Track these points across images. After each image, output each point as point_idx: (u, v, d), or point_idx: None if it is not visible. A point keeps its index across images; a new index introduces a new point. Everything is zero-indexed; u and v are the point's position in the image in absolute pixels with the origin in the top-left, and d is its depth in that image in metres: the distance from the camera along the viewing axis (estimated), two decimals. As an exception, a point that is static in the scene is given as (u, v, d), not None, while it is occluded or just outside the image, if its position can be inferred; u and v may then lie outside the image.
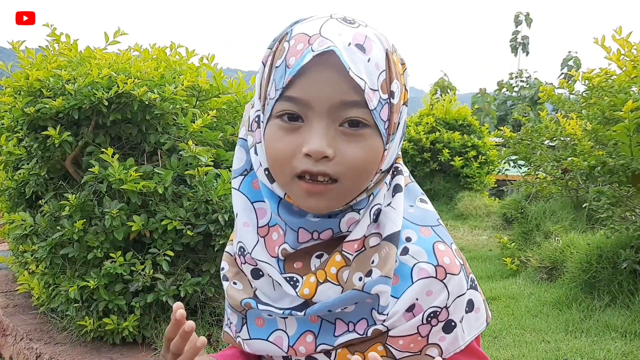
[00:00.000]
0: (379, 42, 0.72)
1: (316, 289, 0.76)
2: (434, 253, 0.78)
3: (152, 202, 3.23)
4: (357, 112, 0.69)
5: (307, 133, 0.70)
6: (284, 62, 0.71)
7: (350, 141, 0.70)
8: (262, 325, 0.84)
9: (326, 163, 0.70)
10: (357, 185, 0.73)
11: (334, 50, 0.67)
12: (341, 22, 0.72)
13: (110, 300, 3.13)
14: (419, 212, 0.84)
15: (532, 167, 5.89)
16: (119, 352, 3.18)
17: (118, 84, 3.11)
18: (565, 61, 26.14)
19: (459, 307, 0.79)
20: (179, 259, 3.32)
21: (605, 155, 3.94)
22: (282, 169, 0.73)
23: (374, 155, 0.72)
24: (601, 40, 3.90)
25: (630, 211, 4.18)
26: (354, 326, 0.78)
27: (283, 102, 0.71)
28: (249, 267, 0.82)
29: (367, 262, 0.77)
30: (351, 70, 0.67)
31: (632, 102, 3.51)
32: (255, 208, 0.82)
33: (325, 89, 0.68)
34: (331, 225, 0.76)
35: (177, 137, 3.37)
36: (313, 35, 0.69)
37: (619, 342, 3.35)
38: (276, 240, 0.80)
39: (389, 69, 0.72)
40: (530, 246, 5.43)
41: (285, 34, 0.74)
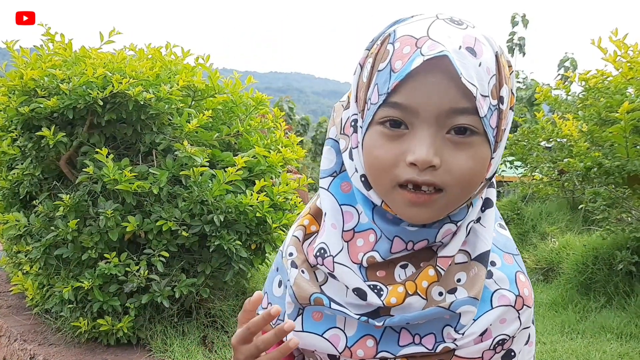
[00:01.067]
0: (489, 44, 0.69)
1: (404, 299, 0.74)
2: (516, 282, 0.77)
3: (147, 202, 3.22)
4: (466, 120, 0.66)
5: (411, 141, 0.66)
6: (388, 66, 0.67)
7: (457, 149, 0.67)
8: (320, 319, 0.80)
9: (432, 172, 0.66)
10: (462, 196, 0.70)
11: (447, 55, 0.63)
12: (449, 23, 0.68)
13: (104, 301, 3.12)
14: (501, 238, 0.82)
15: (529, 168, 5.89)
16: (114, 353, 3.16)
17: (113, 83, 3.09)
18: (562, 62, 26.18)
19: (522, 338, 0.79)
20: (174, 260, 3.30)
21: (601, 156, 3.94)
22: (382, 178, 0.70)
23: (481, 165, 0.69)
24: (598, 42, 3.91)
25: (626, 212, 4.18)
26: (420, 339, 0.76)
27: (387, 108, 0.67)
28: (325, 270, 0.79)
29: (452, 279, 0.75)
30: (463, 76, 0.63)
31: (628, 103, 3.52)
32: (342, 211, 0.79)
33: (434, 95, 0.65)
34: (428, 236, 0.74)
35: (173, 137, 3.35)
36: (421, 38, 0.66)
37: (615, 343, 3.35)
38: (361, 246, 0.77)
39: (499, 73, 0.68)
40: (527, 247, 5.43)
41: (387, 35, 0.70)
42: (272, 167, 3.59)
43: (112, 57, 3.38)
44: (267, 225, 3.42)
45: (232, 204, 3.23)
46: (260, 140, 3.85)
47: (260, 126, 3.88)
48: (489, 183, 0.76)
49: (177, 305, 3.36)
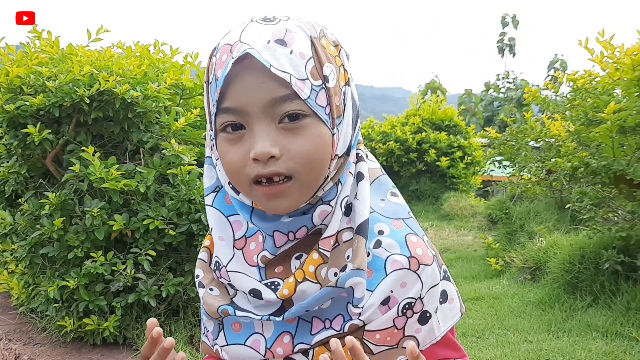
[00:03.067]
0: (302, 31, 0.73)
1: (295, 288, 0.76)
2: (407, 245, 0.78)
3: (134, 201, 3.20)
4: (291, 105, 0.70)
5: (251, 139, 0.71)
6: (214, 76, 0.72)
7: (293, 135, 0.71)
8: (239, 330, 0.83)
9: (275, 162, 0.70)
10: (313, 177, 0.73)
11: (250, 52, 0.68)
12: (260, 23, 0.73)
13: (90, 300, 3.09)
14: (390, 205, 0.84)
15: (517, 168, 5.92)
16: (100, 353, 3.14)
17: (100, 81, 3.07)
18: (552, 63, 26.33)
19: (433, 297, 0.79)
20: (161, 259, 3.29)
21: (588, 156, 3.96)
22: (238, 179, 0.74)
23: (321, 143, 0.72)
24: (585, 42, 3.93)
25: (613, 212, 4.22)
26: (330, 323, 0.78)
27: (221, 114, 0.72)
28: (224, 281, 0.83)
29: (342, 257, 0.77)
30: (272, 67, 0.68)
31: (614, 103, 3.54)
32: (230, 222, 0.83)
33: (253, 91, 0.69)
34: (304, 223, 0.76)
35: (160, 136, 3.34)
36: (234, 43, 0.70)
37: (600, 342, 3.38)
38: (254, 249, 0.80)
39: (316, 54, 0.72)
40: (515, 246, 5.46)
41: (214, 49, 0.75)
42: (260, 166, 3.58)
43: (99, 55, 3.36)
44: (255, 224, 3.41)
45: (219, 202, 3.21)
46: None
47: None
48: (353, 159, 0.79)
49: (164, 304, 3.35)
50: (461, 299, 0.86)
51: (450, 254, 6.33)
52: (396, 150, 9.72)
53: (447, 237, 7.32)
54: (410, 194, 9.70)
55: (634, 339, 3.35)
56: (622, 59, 3.70)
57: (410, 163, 9.81)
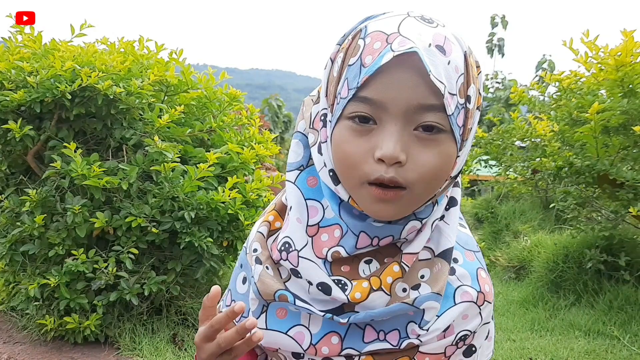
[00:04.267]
0: (458, 43, 0.69)
1: (368, 294, 0.73)
2: (477, 279, 0.78)
3: (116, 198, 3.17)
4: (433, 117, 0.66)
5: (380, 136, 0.66)
6: (359, 61, 0.67)
7: (424, 146, 0.67)
8: (284, 317, 0.79)
9: (397, 169, 0.66)
10: (427, 193, 0.70)
11: (417, 52, 0.63)
12: (420, 21, 0.68)
13: (71, 298, 3.06)
14: (462, 236, 0.83)
15: (503, 168, 5.95)
16: (81, 352, 3.11)
17: (82, 77, 3.04)
18: (540, 64, 26.50)
19: (482, 334, 0.80)
20: (144, 257, 3.26)
21: (572, 156, 3.99)
22: (351, 173, 0.69)
23: (447, 162, 0.69)
24: (569, 43, 3.95)
25: (596, 212, 4.25)
26: (384, 335, 0.76)
27: (356, 102, 0.67)
28: (289, 265, 0.78)
29: (416, 275, 0.75)
30: (431, 73, 0.63)
31: (597, 104, 3.56)
32: (307, 205, 0.78)
33: (403, 91, 0.65)
34: (393, 232, 0.74)
35: (143, 133, 3.31)
36: (391, 34, 0.66)
37: (582, 340, 3.40)
38: (325, 242, 0.76)
39: (467, 72, 0.69)
40: (500, 245, 5.49)
41: (358, 31, 0.70)
42: (245, 163, 3.56)
43: (81, 51, 3.31)
44: (239, 223, 3.39)
45: (203, 200, 3.19)
46: (234, 136, 3.82)
47: (234, 122, 3.85)
48: (454, 182, 0.76)
49: (147, 303, 3.32)
50: None
51: (437, 253, 6.34)
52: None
53: (433, 236, 7.33)
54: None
55: (616, 337, 3.37)
56: (607, 59, 3.72)
57: (398, 162, 9.80)
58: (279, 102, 24.85)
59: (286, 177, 0.81)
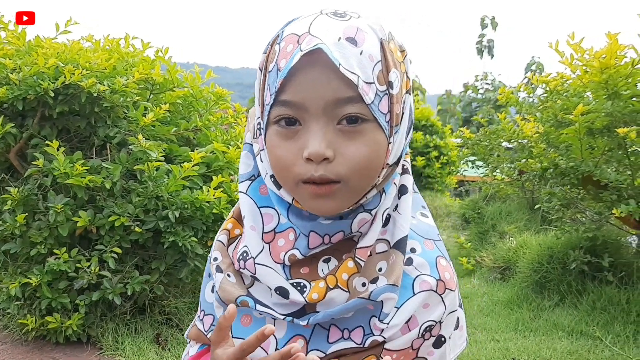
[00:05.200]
0: (373, 32, 0.70)
1: (325, 294, 0.73)
2: (437, 267, 0.78)
3: (99, 197, 3.14)
4: (353, 108, 0.67)
5: (305, 136, 0.68)
6: (275, 66, 0.69)
7: (350, 139, 0.68)
8: (249, 324, 0.80)
9: (327, 165, 0.67)
10: (362, 183, 0.70)
11: (322, 48, 0.64)
12: (331, 17, 0.69)
13: (53, 298, 3.03)
14: (422, 225, 0.83)
15: (490, 169, 5.97)
16: (62, 352, 3.08)
17: (65, 74, 3.01)
18: (529, 65, 26.69)
19: (450, 323, 0.80)
20: (127, 256, 3.24)
21: (557, 157, 4.01)
22: (286, 176, 0.71)
23: (376, 151, 0.69)
24: (555, 45, 3.97)
25: (580, 213, 4.27)
26: (349, 334, 0.76)
27: (278, 107, 0.69)
28: (248, 273, 0.79)
29: (374, 268, 0.75)
30: (342, 66, 0.64)
31: (582, 106, 3.58)
32: (262, 213, 0.79)
33: (317, 88, 0.66)
34: (342, 228, 0.74)
35: (128, 131, 3.28)
36: (302, 35, 0.67)
37: (565, 341, 3.42)
38: (282, 246, 0.77)
39: (385, 58, 0.69)
40: (486, 246, 5.51)
41: (277, 37, 0.71)
42: (230, 163, 3.55)
43: (65, 48, 3.28)
44: (223, 222, 3.37)
45: (188, 200, 3.18)
46: (220, 135, 3.80)
47: (220, 121, 3.83)
48: (399, 170, 0.78)
49: (130, 302, 3.30)
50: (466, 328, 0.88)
51: (424, 253, 6.35)
52: (373, 149, 9.72)
53: (421, 236, 7.35)
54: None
55: (598, 338, 3.40)
56: (591, 61, 3.74)
57: (386, 162, 9.83)
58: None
59: (239, 188, 0.82)
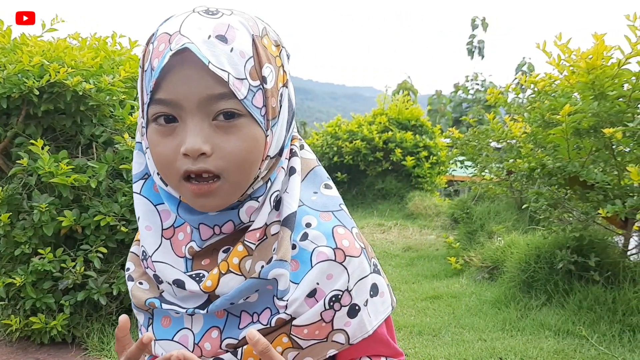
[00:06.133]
0: (244, 28, 0.71)
1: (218, 280, 0.74)
2: (333, 237, 0.78)
3: (85, 196, 3.12)
4: (227, 104, 0.68)
5: (183, 133, 0.69)
6: (149, 65, 0.70)
7: (226, 134, 0.69)
8: (168, 325, 0.81)
9: (205, 159, 0.68)
10: (242, 177, 0.72)
11: (189, 47, 0.66)
12: (202, 15, 0.70)
13: (38, 298, 3.01)
14: (321, 198, 0.84)
15: (479, 169, 5.99)
16: (47, 352, 3.05)
17: (50, 72, 2.98)
18: (520, 66, 26.83)
19: (362, 290, 0.79)
20: (113, 256, 3.21)
21: (545, 157, 4.03)
22: (167, 173, 0.72)
23: (253, 144, 0.71)
24: (542, 45, 3.99)
25: (567, 213, 4.30)
26: (258, 317, 0.77)
27: (154, 105, 0.70)
28: (151, 272, 0.81)
29: (269, 250, 0.76)
30: (211, 64, 0.66)
31: (569, 106, 3.60)
32: (159, 211, 0.81)
33: (190, 86, 0.67)
34: (230, 217, 0.75)
35: (114, 130, 3.26)
36: (173, 34, 0.68)
37: (552, 340, 3.44)
38: (182, 240, 0.79)
39: (257, 54, 0.71)
40: (474, 246, 5.53)
41: (152, 36, 0.72)
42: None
43: (50, 46, 3.25)
44: (211, 222, 3.36)
45: (174, 199, 3.16)
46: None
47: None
48: (286, 155, 0.80)
49: (116, 302, 3.27)
50: (392, 293, 0.86)
51: (413, 253, 6.36)
52: (362, 149, 9.73)
53: (410, 236, 7.37)
54: (376, 192, 9.74)
55: (584, 337, 3.41)
56: (578, 62, 3.77)
57: (376, 162, 9.85)
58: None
59: (133, 189, 0.83)
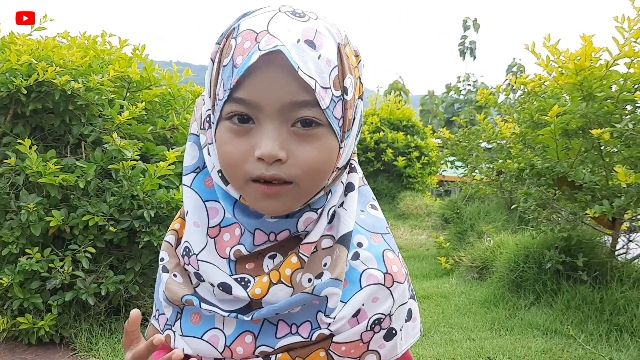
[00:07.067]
0: (330, 35, 0.69)
1: (268, 289, 0.73)
2: (384, 260, 0.78)
3: (73, 196, 3.10)
4: (309, 112, 0.66)
5: (258, 135, 0.67)
6: (231, 61, 0.67)
7: (303, 142, 0.68)
8: (198, 322, 0.79)
9: (279, 166, 0.67)
10: (313, 186, 0.71)
11: (281, 50, 0.63)
12: (290, 16, 0.68)
13: (25, 298, 2.99)
14: (370, 218, 0.83)
15: (469, 169, 6.02)
16: (34, 353, 3.04)
17: (38, 71, 2.96)
18: (510, 67, 26.99)
19: (401, 315, 0.80)
20: (102, 256, 3.20)
21: (534, 158, 4.05)
22: (235, 173, 0.70)
23: (328, 155, 0.69)
24: (531, 47, 4.01)
25: (556, 213, 4.33)
26: (297, 328, 0.76)
27: (232, 103, 0.67)
28: (192, 269, 0.78)
29: (319, 264, 0.75)
30: (300, 70, 0.63)
31: (557, 107, 3.62)
32: (207, 207, 0.78)
33: (274, 89, 0.65)
34: (288, 226, 0.74)
35: (103, 130, 3.24)
36: (260, 32, 0.66)
37: (540, 339, 3.46)
38: (228, 241, 0.77)
39: (341, 64, 0.69)
40: (464, 246, 5.55)
41: (232, 30, 0.70)
42: (207, 162, 3.52)
43: (39, 44, 3.24)
44: (200, 222, 3.35)
45: (163, 199, 3.15)
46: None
47: (198, 120, 3.80)
48: (347, 169, 0.79)
49: (105, 303, 3.26)
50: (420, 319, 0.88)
51: (404, 253, 6.38)
52: (354, 149, 9.74)
53: (401, 236, 7.39)
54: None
55: (572, 336, 3.44)
56: (567, 63, 3.79)
57: (367, 162, 9.87)
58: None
59: (183, 181, 0.81)
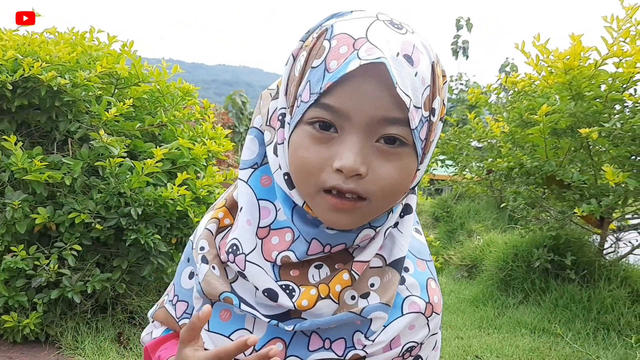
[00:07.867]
0: (427, 52, 0.66)
1: (315, 302, 0.71)
2: (427, 289, 0.76)
3: (60, 193, 3.07)
4: (397, 130, 0.63)
5: (340, 146, 0.63)
6: (323, 64, 0.63)
7: (384, 159, 0.64)
8: (227, 319, 0.76)
9: (357, 181, 0.63)
10: (386, 205, 0.68)
11: (384, 62, 0.60)
12: (389, 26, 0.65)
13: (10, 296, 2.96)
14: (416, 243, 0.81)
15: (459, 168, 6.03)
16: (19, 351, 3.01)
17: (24, 67, 2.93)
18: (503, 67, 27.05)
19: (430, 345, 0.79)
20: (88, 254, 3.17)
21: (523, 157, 4.06)
22: (307, 180, 0.66)
23: (407, 176, 0.67)
24: (521, 46, 4.02)
25: (545, 212, 4.34)
26: (330, 344, 0.73)
27: (318, 108, 0.63)
28: (235, 267, 0.75)
29: (366, 283, 0.73)
30: (398, 86, 0.60)
31: (546, 106, 3.63)
32: (260, 206, 0.75)
33: (367, 102, 0.62)
34: (345, 240, 0.71)
35: (90, 126, 3.22)
36: (359, 39, 0.62)
37: (528, 338, 3.47)
38: (276, 245, 0.73)
39: (433, 84, 0.66)
40: (454, 244, 5.56)
41: (324, 30, 0.66)
42: (196, 159, 3.51)
43: (25, 40, 3.20)
44: (188, 219, 3.34)
45: (151, 196, 3.13)
46: (187, 131, 3.75)
47: (187, 117, 3.78)
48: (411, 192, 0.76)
49: (91, 301, 3.24)
50: None
51: (394, 252, 6.39)
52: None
53: (392, 235, 7.39)
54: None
55: (559, 335, 3.45)
56: (556, 62, 3.80)
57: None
58: (243, 99, 24.68)
59: (239, 175, 0.77)
